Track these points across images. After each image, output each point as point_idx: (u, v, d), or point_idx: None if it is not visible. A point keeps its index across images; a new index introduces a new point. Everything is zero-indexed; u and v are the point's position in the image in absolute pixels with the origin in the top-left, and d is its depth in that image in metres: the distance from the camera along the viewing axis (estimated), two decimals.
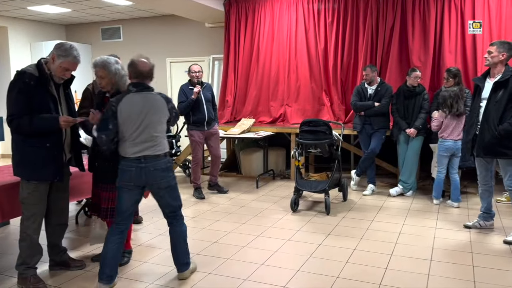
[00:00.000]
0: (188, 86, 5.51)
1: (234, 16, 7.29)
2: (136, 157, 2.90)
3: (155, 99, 3.05)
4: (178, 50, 8.85)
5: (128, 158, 2.92)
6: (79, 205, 5.00)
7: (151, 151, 2.93)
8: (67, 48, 2.97)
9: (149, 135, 2.93)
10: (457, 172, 4.94)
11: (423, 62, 6.05)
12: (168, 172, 3.05)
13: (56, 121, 2.95)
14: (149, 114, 2.95)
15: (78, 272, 3.29)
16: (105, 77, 3.16)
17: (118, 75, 3.19)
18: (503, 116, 3.67)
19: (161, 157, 2.98)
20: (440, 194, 5.05)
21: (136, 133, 2.90)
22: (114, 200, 3.27)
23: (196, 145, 5.52)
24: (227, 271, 3.29)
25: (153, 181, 2.96)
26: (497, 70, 3.79)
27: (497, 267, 3.30)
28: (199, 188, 5.62)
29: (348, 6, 6.51)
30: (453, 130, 4.85)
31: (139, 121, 2.91)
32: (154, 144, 2.95)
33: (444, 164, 4.93)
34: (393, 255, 3.57)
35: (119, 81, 3.20)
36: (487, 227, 4.16)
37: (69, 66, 2.99)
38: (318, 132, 4.89)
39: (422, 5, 6.08)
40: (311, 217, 4.63)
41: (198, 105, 5.40)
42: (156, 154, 2.95)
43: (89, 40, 9.61)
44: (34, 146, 2.95)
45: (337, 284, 3.06)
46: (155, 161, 2.94)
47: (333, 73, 6.65)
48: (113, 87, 3.21)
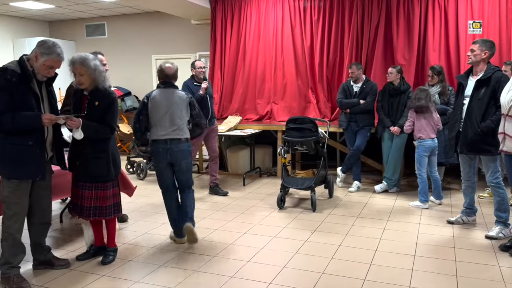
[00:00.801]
0: (192, 82, 5.37)
1: (220, 13, 7.27)
2: (163, 139, 3.60)
3: (178, 95, 3.74)
4: (164, 47, 8.79)
5: (157, 140, 3.63)
6: (63, 203, 4.94)
7: (174, 135, 3.62)
8: (50, 45, 2.92)
9: (173, 122, 3.63)
10: (436, 170, 4.93)
11: (407, 60, 6.13)
12: (188, 155, 3.73)
13: (39, 119, 2.92)
14: (173, 105, 3.66)
15: (62, 271, 3.26)
16: (84, 74, 3.11)
17: (98, 71, 3.15)
18: (486, 114, 3.73)
19: (182, 141, 3.67)
20: (428, 197, 4.88)
21: (163, 119, 3.61)
22: (97, 199, 3.26)
23: (196, 141, 5.31)
24: (213, 269, 3.29)
25: (176, 160, 3.66)
26: (479, 68, 3.86)
27: (479, 261, 3.37)
28: None
29: (333, 4, 6.55)
30: (427, 129, 4.78)
31: (165, 109, 3.62)
32: (176, 129, 3.64)
33: (425, 165, 4.85)
34: (378, 250, 3.62)
35: (98, 77, 3.15)
36: (469, 223, 4.23)
37: (53, 63, 2.95)
38: (304, 130, 4.91)
39: (406, 3, 6.15)
40: (298, 214, 4.66)
41: (203, 101, 5.29)
42: (178, 138, 3.63)
43: (73, 36, 9.49)
44: (16, 144, 2.90)
45: (322, 280, 3.08)
46: (178, 143, 3.63)
47: (319, 70, 6.68)
48: (92, 84, 3.16)
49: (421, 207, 4.82)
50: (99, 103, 3.17)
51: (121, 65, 9.00)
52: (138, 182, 6.21)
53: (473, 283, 3.01)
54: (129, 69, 9.08)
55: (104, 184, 3.26)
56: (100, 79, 3.17)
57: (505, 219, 3.85)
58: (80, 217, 3.34)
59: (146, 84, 9.01)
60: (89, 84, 3.16)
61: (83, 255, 3.49)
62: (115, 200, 3.36)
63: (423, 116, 4.78)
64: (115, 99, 3.27)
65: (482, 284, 2.99)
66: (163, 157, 3.63)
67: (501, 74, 3.74)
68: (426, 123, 4.79)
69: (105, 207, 3.29)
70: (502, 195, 3.82)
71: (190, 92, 5.26)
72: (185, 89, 5.26)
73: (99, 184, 3.24)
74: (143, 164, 6.53)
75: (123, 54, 9.10)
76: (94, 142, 3.18)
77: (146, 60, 8.98)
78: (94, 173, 3.21)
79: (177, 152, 3.64)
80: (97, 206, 3.26)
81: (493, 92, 3.68)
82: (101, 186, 3.25)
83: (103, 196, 3.26)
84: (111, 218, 3.38)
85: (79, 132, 3.06)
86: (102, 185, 3.25)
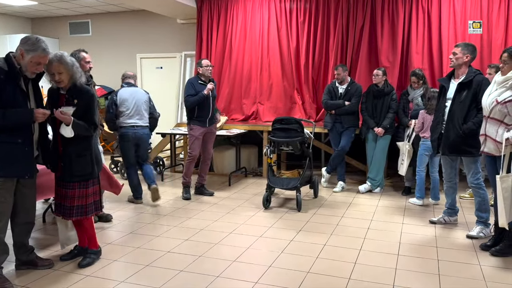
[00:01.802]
0: (197, 80, 5.26)
1: (206, 13, 7.25)
2: (131, 125, 4.92)
3: (140, 91, 5.09)
4: (149, 46, 8.74)
5: (126, 126, 4.90)
6: (46, 203, 4.88)
7: (139, 123, 4.96)
8: (34, 41, 2.88)
9: (137, 112, 4.95)
10: (437, 171, 4.97)
11: (391, 62, 6.21)
12: (147, 137, 5.10)
13: (30, 115, 2.89)
14: (137, 100, 4.97)
15: (46, 272, 3.22)
16: (63, 72, 3.05)
17: (75, 66, 3.11)
18: (467, 116, 3.81)
19: (144, 127, 5.02)
20: (423, 193, 5.03)
21: (131, 110, 4.90)
22: (80, 197, 3.22)
23: (195, 140, 5.25)
24: (199, 269, 3.29)
25: (139, 141, 4.99)
26: (461, 71, 3.94)
27: (460, 260, 3.44)
28: (188, 187, 5.39)
29: (319, 6, 6.60)
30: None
31: (131, 103, 4.92)
32: (140, 118, 4.97)
33: (424, 163, 4.95)
34: (362, 250, 3.66)
35: (75, 73, 3.10)
36: (451, 223, 4.32)
37: (40, 59, 2.91)
38: (290, 130, 4.94)
39: (391, 6, 6.23)
40: (283, 214, 4.68)
41: (206, 101, 5.20)
42: (141, 125, 4.98)
43: (56, 34, 9.35)
44: (5, 142, 2.86)
45: (307, 279, 3.11)
46: (141, 129, 4.98)
47: (305, 72, 6.73)
48: (70, 81, 3.11)
49: (416, 204, 5.01)
50: (78, 101, 3.11)
51: (105, 64, 8.91)
52: (122, 182, 6.15)
53: (455, 281, 3.07)
54: (113, 68, 8.98)
55: (87, 182, 3.23)
56: (77, 75, 3.12)
57: (486, 219, 3.94)
58: (63, 218, 3.29)
59: None
60: (68, 82, 3.11)
61: (67, 255, 3.46)
62: (95, 198, 3.33)
63: (430, 117, 4.84)
64: (93, 95, 3.25)
65: (464, 283, 3.06)
66: (131, 139, 4.90)
67: (482, 78, 3.83)
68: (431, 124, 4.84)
69: (86, 205, 3.25)
70: (482, 195, 3.91)
71: (194, 90, 5.19)
72: (188, 87, 5.22)
73: (82, 182, 3.21)
74: None
75: (107, 52, 9.01)
76: (78, 141, 3.13)
77: (130, 59, 8.91)
78: (79, 172, 3.17)
79: (141, 135, 4.95)
80: (79, 205, 3.23)
81: (474, 95, 3.77)
82: (84, 184, 3.22)
83: (85, 195, 3.24)
84: (91, 216, 3.33)
85: (69, 129, 3.01)
86: (85, 184, 3.23)
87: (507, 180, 3.27)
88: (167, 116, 7.98)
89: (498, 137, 3.34)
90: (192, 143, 5.28)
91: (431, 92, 4.95)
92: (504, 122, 3.33)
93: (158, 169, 6.84)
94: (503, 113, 3.31)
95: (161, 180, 6.37)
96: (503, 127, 3.33)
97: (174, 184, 6.18)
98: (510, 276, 3.15)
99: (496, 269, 3.27)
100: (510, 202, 3.28)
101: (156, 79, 8.80)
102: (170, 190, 5.78)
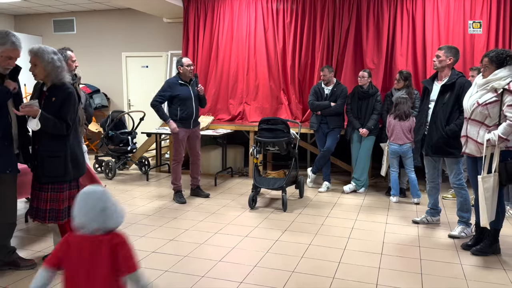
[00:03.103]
0: (177, 80, 5.05)
1: (193, 12, 7.23)
2: None
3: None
4: (135, 45, 8.67)
5: None
6: (28, 202, 4.80)
7: None
8: (3, 35, 2.82)
9: None
10: (412, 171, 5.12)
11: (376, 64, 6.28)
12: None
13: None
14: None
15: (28, 272, 3.17)
16: (38, 65, 2.98)
17: (52, 65, 2.99)
18: (450, 118, 3.88)
19: None
20: (398, 191, 5.24)
21: None
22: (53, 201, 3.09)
23: (180, 143, 5.11)
24: (184, 269, 3.28)
25: None
26: (444, 73, 4.01)
27: (443, 260, 3.50)
28: (180, 192, 5.19)
29: (306, 7, 6.63)
30: (397, 135, 5.07)
31: None
32: None
33: (394, 164, 5.19)
34: (346, 249, 3.70)
35: (52, 71, 3.00)
36: (434, 222, 4.38)
37: (10, 53, 2.86)
38: (276, 131, 4.96)
39: (376, 9, 6.30)
40: (269, 214, 4.70)
41: (187, 101, 5.04)
42: None
43: (39, 31, 9.22)
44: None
45: (293, 279, 3.13)
46: None
47: (291, 72, 6.75)
48: (47, 78, 3.03)
49: (392, 201, 5.23)
50: (56, 99, 3.02)
51: (90, 62, 8.81)
52: (107, 182, 6.11)
53: (437, 280, 3.13)
54: (98, 66, 8.91)
55: (60, 185, 3.09)
56: (55, 74, 3.01)
57: (467, 219, 4.01)
58: (35, 220, 3.16)
59: (116, 81, 8.87)
60: (43, 77, 3.03)
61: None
62: (71, 203, 3.10)
63: (395, 122, 5.08)
64: (70, 94, 3.07)
65: (446, 281, 3.11)
66: None
67: (465, 80, 3.90)
68: (399, 129, 5.05)
69: (61, 210, 3.11)
70: (464, 196, 3.98)
71: (169, 90, 4.98)
72: (165, 88, 5.03)
73: (55, 185, 3.07)
74: (111, 163, 6.42)
75: (92, 50, 8.91)
76: (50, 141, 3.03)
77: (116, 57, 8.83)
78: (49, 173, 3.04)
79: None
80: (53, 209, 3.09)
81: (457, 97, 3.84)
82: (57, 188, 3.08)
83: (59, 199, 3.09)
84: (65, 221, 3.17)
85: (36, 121, 2.90)
86: (58, 187, 3.08)
87: (489, 181, 3.33)
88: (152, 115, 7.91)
89: (479, 138, 3.41)
90: (177, 146, 5.14)
91: (400, 98, 5.10)
92: (485, 123, 3.39)
93: (143, 169, 6.80)
94: (484, 115, 3.38)
95: (146, 180, 6.32)
96: (484, 129, 3.39)
97: (160, 184, 6.15)
98: (491, 274, 3.22)
99: (477, 268, 3.34)
100: (491, 202, 3.35)
101: (142, 78, 8.74)
102: (155, 190, 5.75)
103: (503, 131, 3.25)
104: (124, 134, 6.64)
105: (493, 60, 3.35)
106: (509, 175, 3.28)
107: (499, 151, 3.31)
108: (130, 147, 6.64)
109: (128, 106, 8.85)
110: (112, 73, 8.89)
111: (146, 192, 5.64)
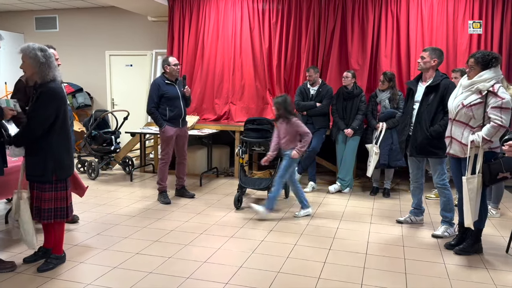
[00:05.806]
0: (163, 80, 4.99)
1: (178, 11, 7.17)
2: None
3: None
4: (119, 43, 8.57)
5: None
6: (8, 203, 4.70)
7: None
8: None
9: None
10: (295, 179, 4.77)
11: (360, 65, 6.32)
12: None
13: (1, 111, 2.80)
14: None
15: (8, 275, 3.09)
16: (24, 61, 3.02)
17: (35, 61, 2.97)
18: (434, 118, 3.92)
19: None
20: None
21: None
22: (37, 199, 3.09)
23: (168, 143, 5.05)
24: (168, 270, 3.25)
25: None
26: (428, 74, 4.04)
27: (426, 259, 3.53)
28: (165, 192, 5.15)
29: (291, 7, 6.64)
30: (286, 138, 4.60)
31: None
32: None
33: None
34: (331, 249, 3.71)
35: (37, 68, 2.99)
36: (417, 222, 4.43)
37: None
38: (262, 130, 4.96)
39: (361, 10, 6.34)
40: (254, 214, 4.68)
41: (176, 101, 5.01)
42: None
43: (21, 29, 9.03)
44: None
45: (278, 279, 3.12)
46: None
47: (277, 72, 6.75)
48: (35, 76, 3.02)
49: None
50: (38, 97, 3.01)
51: (72, 61, 8.68)
52: (90, 182, 6.02)
53: (421, 279, 3.15)
54: (81, 65, 8.77)
55: (42, 185, 3.08)
56: (40, 70, 2.99)
57: (450, 219, 4.06)
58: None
59: (99, 80, 8.75)
60: (30, 74, 3.03)
61: (31, 257, 3.33)
62: (56, 205, 3.14)
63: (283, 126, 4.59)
64: (46, 91, 2.98)
65: (429, 281, 3.13)
66: None
67: (449, 81, 3.95)
68: (283, 132, 4.60)
69: (43, 209, 3.10)
70: (447, 196, 4.02)
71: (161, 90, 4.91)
72: (153, 88, 4.96)
73: (38, 184, 3.09)
74: (94, 163, 6.32)
75: (75, 49, 8.78)
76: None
77: (99, 56, 8.71)
78: (29, 171, 3.08)
79: None
80: (37, 207, 3.11)
81: (441, 98, 3.88)
82: (39, 187, 3.09)
83: (41, 198, 3.10)
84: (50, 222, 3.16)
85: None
86: (40, 186, 3.09)
87: (473, 181, 3.37)
88: (136, 115, 7.85)
89: (464, 139, 3.45)
90: (165, 145, 5.08)
91: None
92: (469, 124, 3.43)
93: (127, 169, 6.71)
94: (468, 116, 3.42)
95: (130, 180, 6.25)
96: (468, 130, 3.43)
97: (144, 184, 6.08)
98: (473, 273, 3.26)
99: (459, 267, 3.37)
100: (475, 202, 3.39)
101: (126, 77, 8.64)
102: (139, 191, 5.68)
103: (487, 132, 3.29)
104: (107, 134, 6.55)
105: (478, 61, 3.39)
106: (492, 176, 3.33)
107: (483, 152, 3.35)
108: (114, 146, 6.54)
109: (112, 105, 8.74)
110: (96, 71, 8.77)
111: (130, 192, 5.57)
